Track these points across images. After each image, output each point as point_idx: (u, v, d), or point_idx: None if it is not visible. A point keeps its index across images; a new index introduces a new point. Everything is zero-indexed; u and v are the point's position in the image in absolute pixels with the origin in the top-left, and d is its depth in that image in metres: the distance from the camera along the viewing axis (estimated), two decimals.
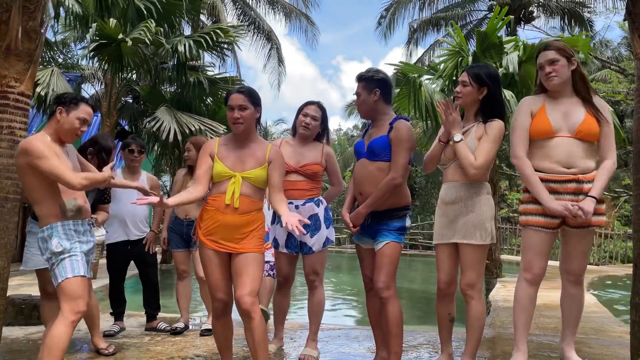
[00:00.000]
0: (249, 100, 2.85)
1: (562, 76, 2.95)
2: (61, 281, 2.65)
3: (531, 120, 2.99)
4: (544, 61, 2.98)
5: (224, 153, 2.86)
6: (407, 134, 2.98)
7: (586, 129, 2.90)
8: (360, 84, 3.11)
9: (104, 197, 3.89)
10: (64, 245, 2.70)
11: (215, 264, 2.80)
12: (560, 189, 2.89)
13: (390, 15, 17.27)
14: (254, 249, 2.77)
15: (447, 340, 3.14)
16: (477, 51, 8.05)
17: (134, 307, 4.95)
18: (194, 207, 4.33)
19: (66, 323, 2.60)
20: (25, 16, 2.93)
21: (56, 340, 2.55)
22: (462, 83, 3.05)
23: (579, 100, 2.98)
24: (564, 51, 2.96)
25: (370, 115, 3.14)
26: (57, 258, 2.69)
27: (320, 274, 3.57)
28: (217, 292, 2.83)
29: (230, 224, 2.75)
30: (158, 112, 9.15)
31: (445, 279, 3.06)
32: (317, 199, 3.55)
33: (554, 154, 2.91)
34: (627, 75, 15.50)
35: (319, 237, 3.50)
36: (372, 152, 3.04)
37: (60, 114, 2.80)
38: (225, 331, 2.92)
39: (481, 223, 2.91)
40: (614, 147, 3.00)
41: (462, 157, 2.91)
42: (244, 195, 2.77)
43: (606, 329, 4.81)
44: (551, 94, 3.03)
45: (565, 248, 3.07)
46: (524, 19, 15.40)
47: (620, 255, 14.81)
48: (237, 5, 17.01)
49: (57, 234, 2.70)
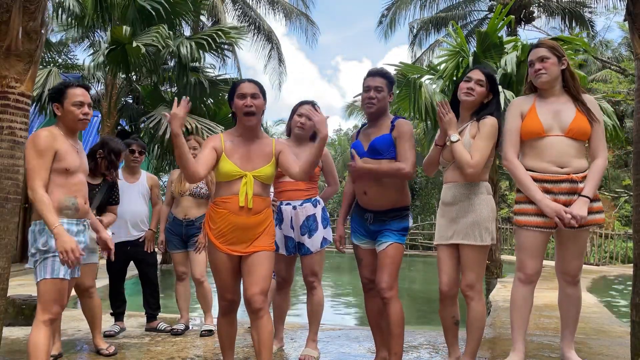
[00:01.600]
0: (259, 91, 2.78)
1: (551, 74, 2.96)
2: (39, 280, 2.63)
3: (521, 122, 3.01)
4: (534, 58, 2.99)
5: (230, 150, 2.74)
6: (411, 130, 3.03)
7: (577, 127, 2.90)
8: (384, 81, 3.10)
9: (112, 198, 3.86)
10: (51, 244, 2.63)
11: (227, 267, 2.74)
12: (554, 189, 2.89)
13: (391, 15, 17.29)
14: (266, 247, 2.72)
15: (454, 343, 3.13)
16: (478, 51, 8.05)
17: (134, 307, 4.96)
18: (193, 207, 4.32)
19: (39, 325, 2.57)
20: (25, 16, 2.93)
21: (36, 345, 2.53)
22: (479, 82, 3.02)
23: (569, 98, 2.99)
24: (554, 49, 2.98)
25: (379, 113, 3.11)
26: (42, 256, 2.65)
27: (319, 275, 3.57)
28: (227, 292, 2.79)
29: (244, 225, 2.68)
30: (156, 111, 9.15)
31: (446, 281, 3.04)
32: (315, 199, 3.55)
33: (546, 153, 2.92)
34: (627, 75, 15.51)
35: (317, 237, 3.49)
36: (375, 150, 3.03)
37: (58, 109, 2.80)
38: (230, 329, 2.88)
39: (481, 223, 2.91)
40: (605, 145, 3.00)
41: (459, 156, 2.92)
42: (256, 195, 2.70)
43: (606, 329, 4.81)
44: (541, 94, 3.05)
45: (560, 249, 3.06)
46: (524, 19, 15.41)
47: (621, 256, 14.80)
48: (237, 5, 17.01)
49: (48, 231, 2.63)
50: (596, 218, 2.93)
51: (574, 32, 15.44)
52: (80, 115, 2.81)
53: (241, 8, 17.06)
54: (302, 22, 18.09)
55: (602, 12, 20.14)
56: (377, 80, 3.09)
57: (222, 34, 9.23)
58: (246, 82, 2.79)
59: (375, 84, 3.08)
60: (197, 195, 4.34)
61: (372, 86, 3.08)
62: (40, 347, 2.53)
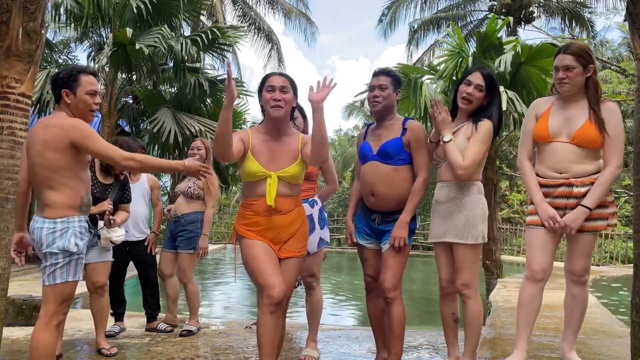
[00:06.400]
0: (290, 85, 2.65)
1: (573, 84, 2.92)
2: (60, 282, 2.50)
3: (535, 124, 3.03)
4: (559, 65, 2.94)
5: (257, 148, 2.62)
6: (424, 133, 3.06)
7: (582, 135, 2.88)
8: (388, 79, 3.09)
9: (124, 196, 3.88)
10: (80, 245, 2.54)
11: (265, 252, 2.54)
12: (552, 193, 2.93)
13: (391, 14, 17.29)
14: (296, 253, 2.63)
15: (454, 342, 3.13)
16: (477, 52, 8.04)
17: (134, 307, 4.95)
18: (184, 205, 4.39)
19: (50, 327, 2.47)
20: (25, 17, 2.93)
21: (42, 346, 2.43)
22: (478, 87, 3.02)
23: (587, 104, 2.94)
24: (582, 58, 2.89)
25: (385, 112, 3.10)
26: (67, 258, 2.51)
27: (317, 275, 3.57)
28: (269, 286, 2.46)
29: (275, 225, 2.59)
30: (158, 113, 9.15)
31: (446, 277, 3.08)
32: (312, 199, 3.53)
33: (548, 158, 2.96)
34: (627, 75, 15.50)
35: (313, 238, 3.46)
36: (386, 154, 3.01)
37: (68, 96, 2.62)
38: (274, 331, 2.50)
39: (471, 223, 2.93)
40: (618, 153, 2.90)
41: (451, 157, 2.93)
42: (282, 195, 2.59)
43: (606, 329, 4.81)
44: (561, 97, 3.04)
45: (568, 249, 3.09)
46: (524, 20, 15.39)
47: (621, 256, 14.78)
48: (237, 6, 17.02)
49: (74, 230, 2.52)
50: (595, 225, 2.92)
51: (574, 33, 15.46)
52: (93, 106, 2.68)
53: (241, 8, 17.08)
54: (302, 21, 18.13)
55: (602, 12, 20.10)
56: (381, 79, 3.08)
57: (217, 32, 9.21)
58: (276, 74, 2.68)
59: (379, 82, 3.07)
60: (189, 195, 4.41)
61: (376, 85, 3.08)
62: (49, 350, 2.45)
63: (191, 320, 4.36)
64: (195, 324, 4.30)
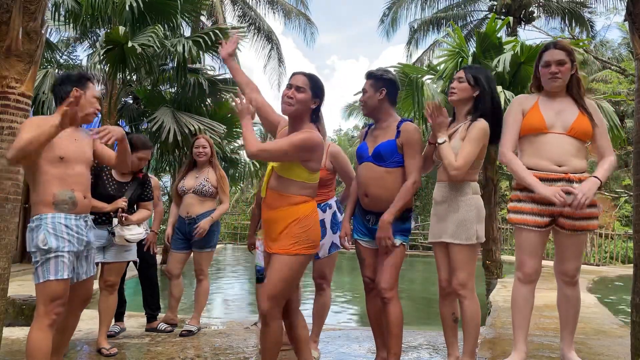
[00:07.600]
0: (308, 85, 2.67)
1: (565, 79, 3.00)
2: (43, 281, 2.51)
3: (522, 119, 3.03)
4: (551, 59, 2.98)
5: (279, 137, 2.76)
6: (418, 136, 3.00)
7: (579, 126, 2.93)
8: (369, 81, 3.10)
9: (145, 194, 3.87)
10: (51, 243, 2.51)
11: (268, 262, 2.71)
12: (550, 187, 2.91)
13: (392, 14, 17.28)
14: (280, 250, 2.59)
15: (453, 342, 3.13)
16: (477, 52, 8.05)
17: (134, 307, 4.95)
18: (196, 204, 4.32)
19: (42, 327, 2.47)
20: (25, 17, 2.94)
21: (37, 346, 2.44)
22: (458, 79, 3.08)
23: (572, 100, 3.02)
24: (570, 54, 2.99)
25: (373, 113, 3.12)
26: (43, 256, 2.51)
27: (328, 277, 3.56)
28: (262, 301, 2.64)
29: (265, 219, 2.67)
30: (158, 113, 9.14)
31: (445, 277, 3.08)
32: (325, 203, 3.50)
33: (546, 151, 2.94)
34: (627, 75, 15.52)
35: (325, 242, 3.45)
36: (379, 156, 3.01)
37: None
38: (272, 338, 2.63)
39: (465, 223, 2.93)
40: (611, 145, 3.04)
41: (444, 158, 2.95)
42: (272, 188, 2.64)
43: (606, 329, 4.81)
44: (545, 93, 3.06)
45: (558, 249, 3.08)
46: (524, 19, 15.39)
47: (621, 256, 14.79)
48: (237, 6, 17.02)
49: (45, 227, 2.52)
50: (590, 224, 2.94)
51: (574, 33, 15.46)
52: (96, 110, 2.81)
53: (241, 8, 17.07)
54: (301, 21, 18.12)
55: (602, 12, 20.13)
56: (365, 82, 3.12)
57: (219, 33, 9.23)
58: (299, 74, 2.72)
59: (364, 86, 3.12)
60: (200, 193, 4.33)
61: (362, 89, 3.13)
62: (43, 350, 2.45)
63: (192, 320, 4.35)
64: (195, 324, 4.29)
